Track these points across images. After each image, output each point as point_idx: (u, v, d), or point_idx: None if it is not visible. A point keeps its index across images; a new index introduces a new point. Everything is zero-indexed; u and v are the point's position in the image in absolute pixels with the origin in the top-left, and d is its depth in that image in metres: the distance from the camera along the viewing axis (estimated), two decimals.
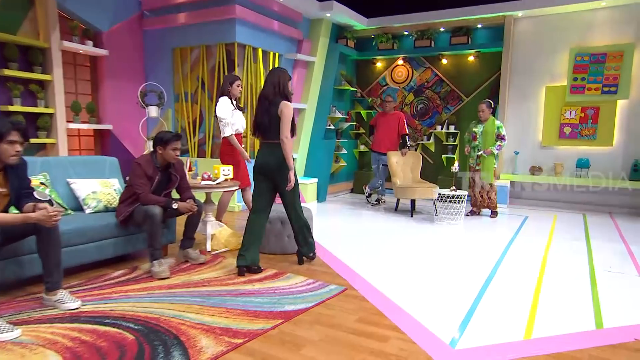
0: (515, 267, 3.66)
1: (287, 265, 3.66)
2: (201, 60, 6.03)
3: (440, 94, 7.48)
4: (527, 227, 5.20)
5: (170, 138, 3.36)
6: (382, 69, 7.94)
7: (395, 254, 3.99)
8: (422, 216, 5.76)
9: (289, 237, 3.94)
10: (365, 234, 4.67)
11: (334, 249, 4.12)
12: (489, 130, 5.37)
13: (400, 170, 6.07)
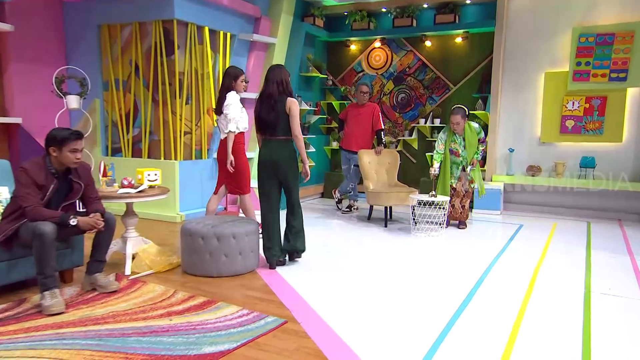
0: (498, 288, 3.57)
1: (221, 292, 3.42)
2: (134, 41, 5.80)
3: (424, 82, 7.43)
4: (520, 238, 5.16)
5: (67, 137, 3.08)
6: (356, 52, 7.86)
7: (358, 274, 3.85)
8: (399, 226, 5.67)
9: (226, 257, 3.74)
10: (328, 249, 4.56)
11: (286, 269, 3.96)
12: (472, 141, 5.26)
13: (374, 171, 5.93)
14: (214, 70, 6.16)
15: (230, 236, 3.75)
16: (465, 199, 5.49)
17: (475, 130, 5.32)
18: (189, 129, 5.88)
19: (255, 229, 3.92)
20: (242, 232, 3.80)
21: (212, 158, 6.14)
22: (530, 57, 6.65)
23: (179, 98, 5.67)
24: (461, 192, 5.48)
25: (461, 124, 5.21)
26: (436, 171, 5.20)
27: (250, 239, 3.85)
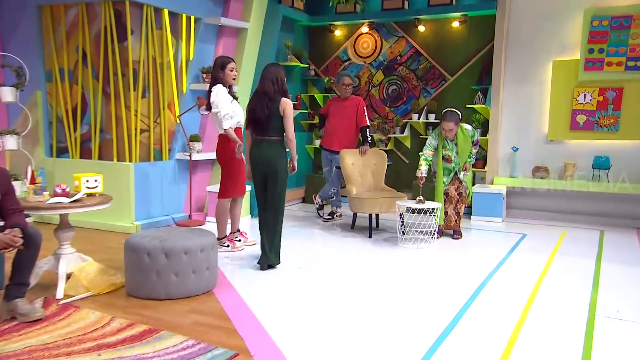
0: (491, 308, 3.47)
1: (167, 318, 3.24)
2: (81, 24, 5.65)
3: (417, 72, 7.38)
4: (522, 249, 5.09)
5: None
6: (342, 38, 7.81)
7: (331, 294, 3.70)
8: (386, 235, 5.58)
9: (177, 276, 3.57)
10: (302, 264, 4.43)
11: (250, 288, 3.81)
12: (464, 146, 5.24)
13: (358, 174, 5.82)
14: (176, 59, 6.02)
15: (181, 252, 3.58)
16: (459, 204, 5.42)
17: (468, 133, 5.26)
18: (147, 126, 5.74)
19: (212, 243, 3.76)
20: (195, 247, 3.63)
21: (174, 159, 5.99)
22: (536, 43, 6.60)
23: (134, 91, 5.53)
24: (454, 197, 5.40)
25: (454, 131, 5.15)
26: (423, 173, 5.08)
27: (206, 254, 3.69)
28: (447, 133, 5.14)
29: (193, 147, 5.95)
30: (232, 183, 4.72)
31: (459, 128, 5.21)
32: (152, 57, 5.69)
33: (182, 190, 6.11)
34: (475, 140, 5.32)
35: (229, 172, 4.68)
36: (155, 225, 5.63)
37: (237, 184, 4.77)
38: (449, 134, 5.14)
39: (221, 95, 4.49)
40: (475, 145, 5.35)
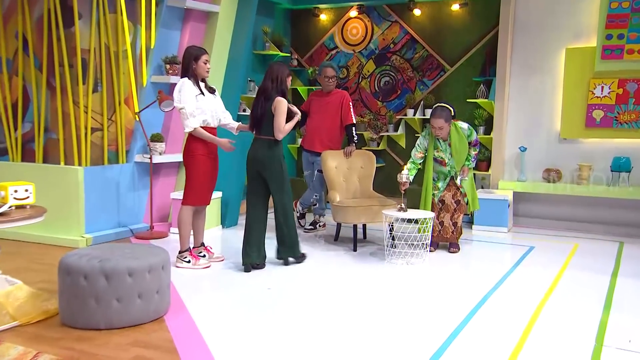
0: (486, 333, 3.39)
1: (105, 353, 3.07)
2: (20, 7, 5.50)
3: (413, 62, 7.36)
4: (528, 264, 5.02)
5: None
6: (328, 24, 7.80)
7: (303, 321, 3.54)
8: (373, 249, 5.48)
9: (119, 301, 3.41)
10: (273, 282, 4.31)
11: (210, 312, 3.64)
12: (460, 147, 5.16)
13: (343, 179, 5.72)
14: (134, 48, 5.87)
15: (124, 273, 3.41)
16: (457, 214, 5.33)
17: (464, 132, 5.19)
18: (99, 125, 5.58)
19: (164, 261, 3.61)
20: (142, 267, 3.46)
21: (132, 162, 5.85)
22: (546, 29, 6.55)
23: (83, 84, 5.38)
24: (451, 205, 5.30)
25: (445, 129, 5.10)
26: (405, 178, 4.97)
27: (155, 275, 3.52)
28: (437, 131, 5.08)
29: (154, 148, 5.79)
30: (195, 191, 4.63)
31: (453, 126, 5.15)
32: (104, 45, 5.54)
33: (142, 198, 5.95)
34: (474, 141, 5.25)
35: (193, 178, 4.61)
36: (110, 238, 5.48)
37: (200, 192, 4.67)
38: (439, 132, 5.08)
39: (185, 89, 4.45)
40: (475, 146, 5.26)
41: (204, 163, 4.59)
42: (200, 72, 4.54)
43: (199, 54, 4.54)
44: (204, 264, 4.68)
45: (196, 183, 4.59)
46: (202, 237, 4.86)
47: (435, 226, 5.30)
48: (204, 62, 4.54)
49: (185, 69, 4.53)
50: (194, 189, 4.61)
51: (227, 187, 6.30)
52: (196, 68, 4.52)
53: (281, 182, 4.54)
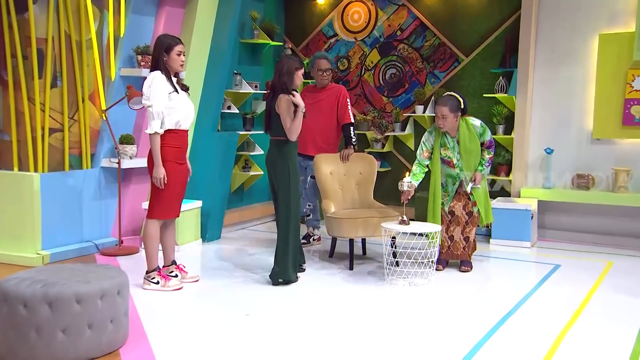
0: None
1: None
2: None
3: (423, 51, 7.33)
4: (551, 285, 4.97)
5: None
6: (326, 8, 7.81)
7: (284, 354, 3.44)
8: (372, 267, 5.42)
9: (65, 333, 3.28)
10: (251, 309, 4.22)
11: (171, 348, 3.53)
12: (470, 146, 5.09)
13: (339, 186, 5.64)
14: (101, 36, 5.80)
15: (71, 300, 3.28)
16: (469, 227, 5.24)
17: (476, 130, 5.12)
18: (59, 125, 5.50)
19: (121, 284, 3.49)
20: (93, 293, 3.33)
21: (98, 168, 5.78)
22: (577, 12, 6.47)
23: (40, 78, 5.30)
24: (462, 217, 5.20)
25: (449, 120, 5.02)
26: (406, 187, 4.91)
27: (109, 302, 3.40)
28: (439, 121, 5.04)
29: (124, 152, 5.68)
30: (163, 202, 4.54)
31: (463, 122, 5.09)
32: (65, 34, 5.46)
33: (109, 208, 5.86)
34: (488, 142, 5.16)
35: (157, 187, 4.52)
36: (71, 255, 5.40)
37: (168, 204, 4.57)
38: (442, 122, 5.02)
39: (156, 85, 4.37)
40: (489, 148, 5.14)
41: (173, 170, 4.49)
42: (173, 65, 4.47)
43: (172, 44, 4.47)
44: (174, 285, 4.56)
45: (163, 193, 4.50)
46: (173, 254, 4.76)
47: (444, 241, 5.19)
48: (177, 54, 4.47)
49: (156, 61, 4.45)
50: (161, 199, 4.52)
51: (208, 195, 6.23)
52: (168, 60, 4.45)
53: (285, 188, 4.67)
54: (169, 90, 4.39)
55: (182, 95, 4.51)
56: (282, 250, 4.68)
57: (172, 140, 4.46)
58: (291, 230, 4.69)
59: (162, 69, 4.43)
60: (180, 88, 4.55)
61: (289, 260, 4.68)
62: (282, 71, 4.67)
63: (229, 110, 6.78)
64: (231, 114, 6.93)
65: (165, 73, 4.42)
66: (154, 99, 4.32)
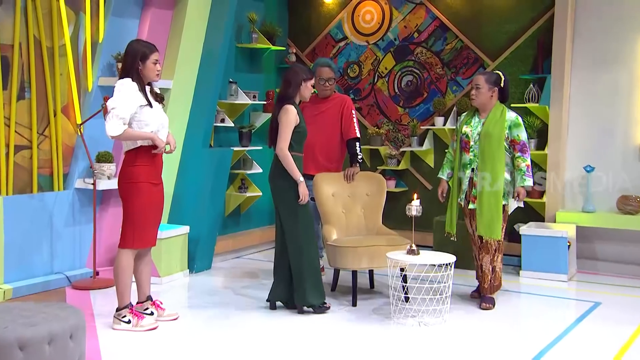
0: None
1: None
2: None
3: (444, 56, 7.29)
4: (588, 327, 4.84)
5: None
6: (335, 8, 7.90)
7: None
8: (378, 303, 5.34)
9: None
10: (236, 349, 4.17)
11: None
12: (494, 130, 5.11)
13: (342, 210, 5.57)
14: (76, 42, 5.80)
15: (13, 346, 3.16)
16: (497, 254, 5.16)
17: (509, 119, 5.14)
18: (27, 141, 5.47)
19: (75, 327, 3.37)
20: (39, 337, 3.20)
21: (72, 189, 5.76)
22: (619, 7, 6.42)
23: (4, 89, 5.28)
24: (492, 243, 5.15)
25: (482, 92, 5.15)
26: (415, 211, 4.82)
27: (59, 347, 3.28)
28: (472, 92, 5.22)
29: (101, 171, 5.64)
30: (137, 229, 4.50)
31: (499, 106, 5.16)
32: (34, 40, 5.46)
33: (84, 235, 5.81)
34: (520, 143, 5.10)
35: (133, 212, 4.50)
36: (38, 289, 5.34)
37: (143, 231, 4.51)
38: (474, 92, 5.18)
39: (126, 90, 4.36)
40: (522, 153, 5.09)
41: (147, 192, 4.45)
42: (148, 74, 4.49)
43: (147, 52, 4.49)
44: (148, 324, 4.47)
45: (138, 218, 4.46)
46: (149, 288, 4.68)
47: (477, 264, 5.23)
48: (153, 63, 4.50)
49: (127, 69, 4.45)
50: (134, 226, 4.47)
51: (198, 220, 6.20)
52: (143, 70, 4.46)
53: (292, 206, 4.79)
54: (141, 103, 4.37)
55: (156, 108, 4.49)
56: (297, 275, 4.80)
57: (145, 159, 4.42)
58: (304, 252, 4.78)
59: (134, 77, 4.41)
60: (154, 99, 4.50)
61: (306, 285, 4.77)
62: (288, 82, 4.81)
63: (223, 123, 6.74)
64: (226, 127, 6.90)
65: (139, 83, 4.40)
66: (119, 100, 4.29)
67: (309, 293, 4.80)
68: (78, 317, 3.45)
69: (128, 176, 4.45)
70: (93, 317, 4.69)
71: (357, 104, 7.52)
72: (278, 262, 4.98)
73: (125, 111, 4.32)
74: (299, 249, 4.80)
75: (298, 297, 4.84)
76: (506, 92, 5.20)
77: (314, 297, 4.83)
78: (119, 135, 4.34)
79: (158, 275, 5.68)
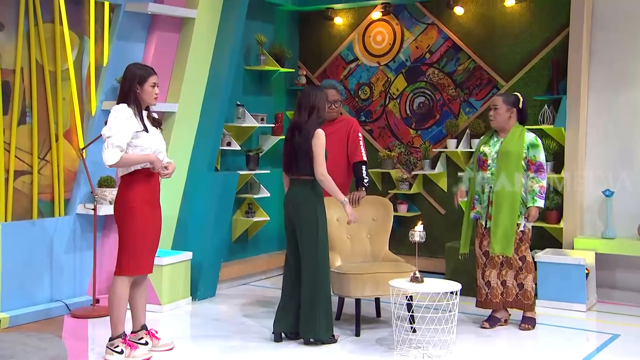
0: None
1: None
2: None
3: (456, 77, 7.23)
4: None
5: None
6: (345, 29, 7.89)
7: None
8: (385, 333, 5.22)
9: None
10: None
11: None
12: (512, 149, 5.18)
13: (347, 235, 5.52)
14: (80, 66, 5.82)
15: None
16: (524, 273, 5.19)
17: (527, 140, 5.20)
18: (28, 166, 5.46)
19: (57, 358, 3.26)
20: None
21: (73, 215, 5.72)
22: (638, 26, 6.34)
23: (4, 114, 5.29)
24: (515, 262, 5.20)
25: (500, 112, 5.22)
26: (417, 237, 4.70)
27: None
28: (490, 113, 5.31)
29: (102, 196, 5.59)
30: (132, 255, 4.44)
31: (518, 128, 5.22)
32: (37, 64, 5.48)
33: (85, 262, 5.76)
34: (537, 163, 5.13)
35: (129, 237, 4.45)
36: (35, 317, 5.29)
37: (139, 257, 4.45)
38: (492, 113, 5.27)
39: (121, 116, 4.34)
40: (538, 174, 5.11)
41: (143, 216, 4.40)
42: (146, 98, 4.49)
43: (145, 76, 4.49)
44: (141, 355, 4.40)
45: (133, 244, 4.41)
46: (144, 317, 4.61)
47: (495, 288, 5.19)
48: (151, 86, 4.50)
49: (125, 93, 4.44)
50: (130, 252, 4.42)
51: (201, 245, 6.13)
52: (141, 93, 4.46)
53: (312, 232, 4.76)
54: (137, 129, 4.34)
55: (152, 133, 4.45)
56: (308, 304, 4.71)
57: (141, 183, 4.39)
58: (321, 280, 4.74)
59: (131, 102, 4.40)
60: (152, 123, 4.47)
61: (317, 315, 4.68)
62: (314, 106, 4.82)
63: (229, 147, 6.68)
64: (233, 151, 6.85)
65: (135, 107, 4.38)
66: (115, 129, 4.27)
67: (320, 325, 4.70)
68: (59, 349, 3.35)
69: (123, 200, 4.43)
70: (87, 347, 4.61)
71: (369, 126, 7.46)
72: (288, 292, 4.89)
73: (122, 139, 4.29)
74: (314, 277, 4.74)
75: (308, 329, 4.75)
76: (525, 113, 5.28)
77: (324, 330, 4.76)
78: (116, 163, 4.30)
79: (159, 302, 5.60)
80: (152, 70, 4.55)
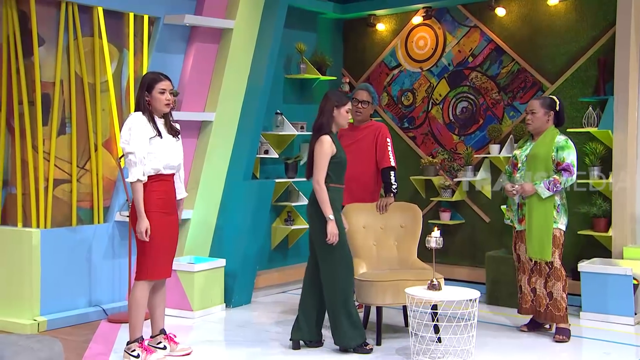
0: None
1: None
2: None
3: (500, 80, 7.11)
4: None
5: None
6: (387, 35, 7.90)
7: None
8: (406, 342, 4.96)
9: None
10: None
11: None
12: (540, 152, 5.18)
13: (373, 242, 5.44)
14: (120, 77, 5.96)
15: None
16: (551, 280, 5.07)
17: (557, 142, 5.14)
18: (67, 175, 5.63)
19: None
20: None
21: (112, 222, 5.85)
22: None
23: (44, 125, 5.47)
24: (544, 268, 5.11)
25: (538, 116, 5.20)
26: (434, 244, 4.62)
27: None
28: (527, 117, 5.30)
29: None
30: (150, 260, 4.47)
31: (552, 130, 5.20)
32: (76, 76, 5.64)
33: (123, 268, 5.84)
34: (564, 164, 5.06)
35: (146, 243, 4.46)
36: (72, 321, 5.41)
37: (157, 262, 4.49)
38: (529, 117, 5.25)
39: (136, 127, 4.38)
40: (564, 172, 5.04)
41: (158, 222, 4.41)
42: (156, 105, 4.47)
43: (153, 83, 4.48)
44: (156, 359, 4.42)
45: (149, 249, 4.42)
46: (163, 321, 4.64)
47: (525, 294, 5.17)
48: (159, 92, 4.46)
49: (138, 101, 4.48)
50: (147, 257, 4.44)
51: (235, 253, 6.16)
52: (150, 100, 4.46)
53: (324, 242, 4.64)
54: (150, 135, 4.37)
55: (167, 140, 4.46)
56: (330, 313, 4.71)
57: (155, 188, 4.42)
58: (338, 288, 4.67)
59: (143, 110, 4.42)
60: (168, 131, 4.49)
61: (340, 323, 4.66)
62: (321, 110, 4.76)
63: (266, 155, 6.70)
64: (273, 159, 6.87)
65: (148, 114, 4.40)
66: (135, 144, 4.30)
67: (348, 334, 4.66)
68: (53, 350, 3.35)
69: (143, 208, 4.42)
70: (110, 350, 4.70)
71: (412, 132, 7.38)
72: (305, 299, 4.86)
73: (142, 151, 4.34)
74: (332, 285, 4.67)
75: (335, 338, 4.72)
76: (562, 115, 5.27)
77: (353, 338, 4.68)
78: (135, 182, 4.35)
79: (191, 309, 5.65)
80: (163, 76, 4.54)
